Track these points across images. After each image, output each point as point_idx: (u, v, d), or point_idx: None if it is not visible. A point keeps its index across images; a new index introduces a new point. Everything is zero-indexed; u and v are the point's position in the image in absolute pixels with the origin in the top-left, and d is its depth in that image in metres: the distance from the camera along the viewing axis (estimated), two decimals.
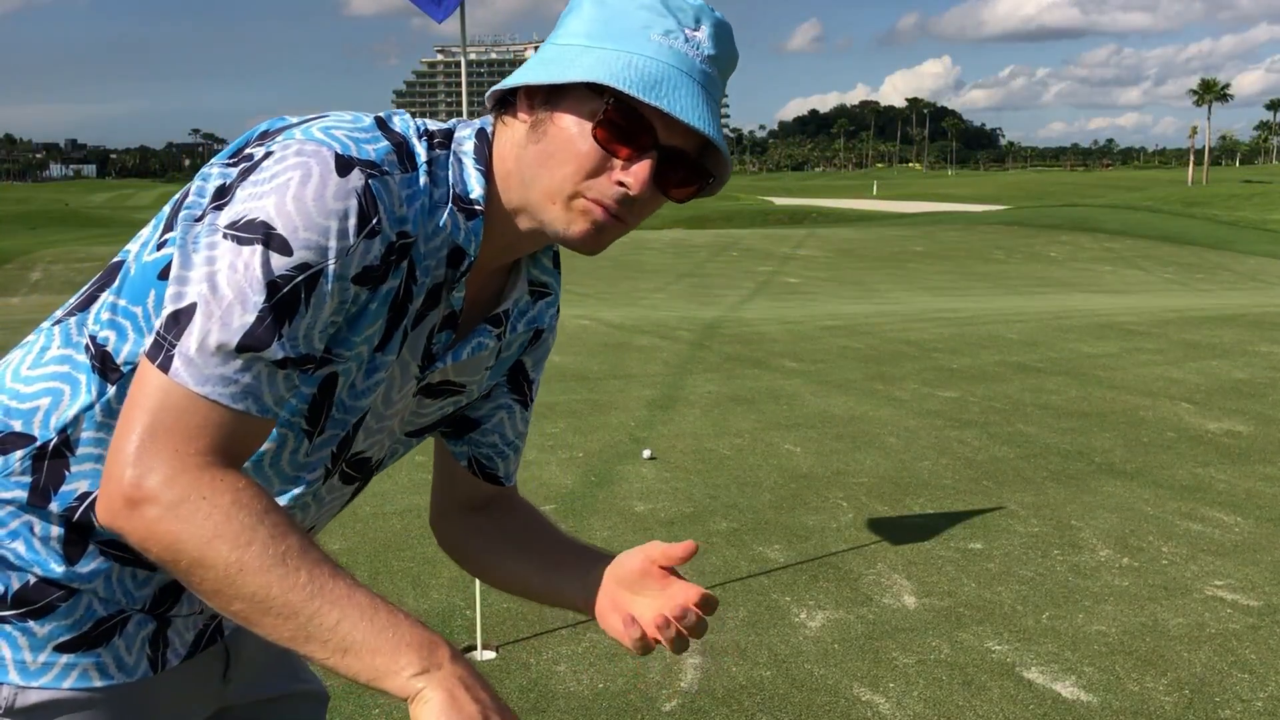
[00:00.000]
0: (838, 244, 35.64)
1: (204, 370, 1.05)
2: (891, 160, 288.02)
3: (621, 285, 22.88)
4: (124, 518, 1.04)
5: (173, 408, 1.05)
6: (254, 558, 1.02)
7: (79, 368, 1.20)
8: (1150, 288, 23.19)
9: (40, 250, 30.02)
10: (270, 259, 1.06)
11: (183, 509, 1.02)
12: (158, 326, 1.07)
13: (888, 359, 9.92)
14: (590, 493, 5.68)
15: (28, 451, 1.20)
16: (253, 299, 1.06)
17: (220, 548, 1.02)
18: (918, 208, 72.01)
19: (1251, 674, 3.66)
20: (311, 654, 1.03)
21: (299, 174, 1.08)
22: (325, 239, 1.08)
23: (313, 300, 1.09)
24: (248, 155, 1.14)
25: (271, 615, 1.02)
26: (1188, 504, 5.57)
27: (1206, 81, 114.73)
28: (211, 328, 1.05)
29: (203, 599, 1.06)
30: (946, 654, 3.80)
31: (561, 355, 9.91)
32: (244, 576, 1.02)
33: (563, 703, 3.44)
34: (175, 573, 1.05)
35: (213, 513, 1.03)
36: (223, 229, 1.08)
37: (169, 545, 1.03)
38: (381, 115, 1.19)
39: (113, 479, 1.05)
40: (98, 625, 1.24)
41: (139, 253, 1.21)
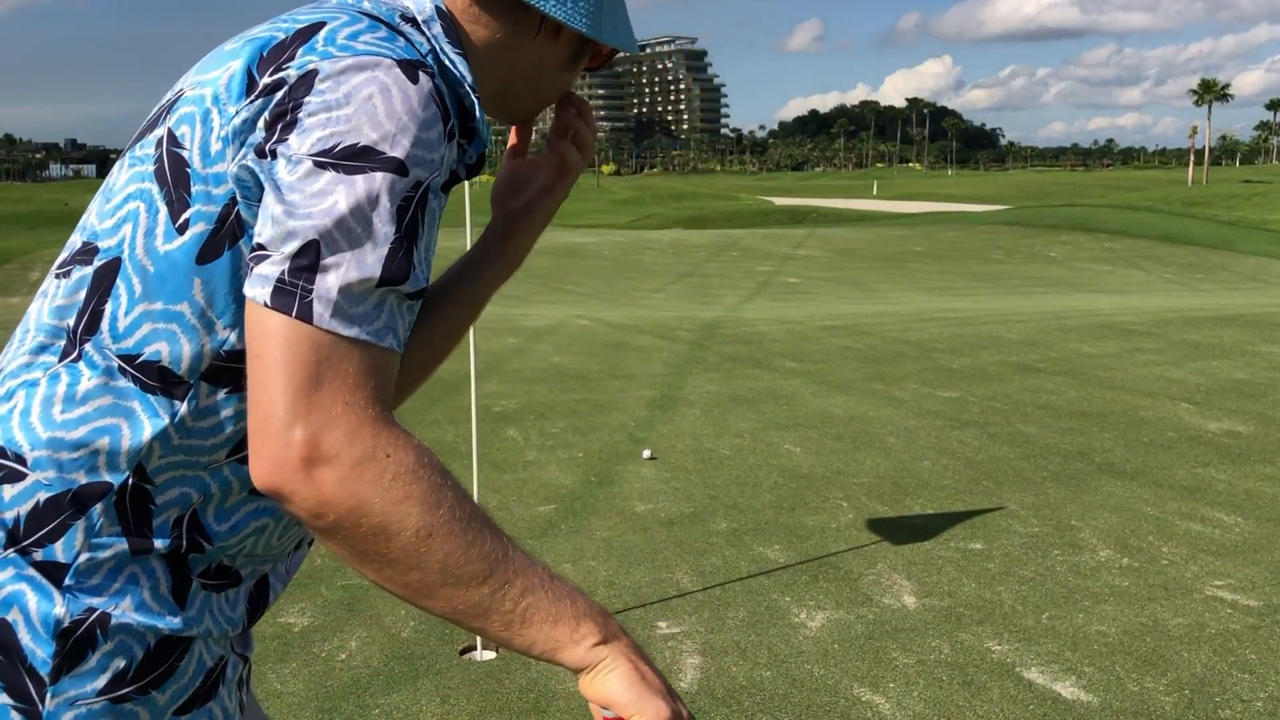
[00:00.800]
0: (838, 244, 35.63)
1: (349, 310, 0.97)
2: (891, 160, 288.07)
3: (621, 285, 22.88)
4: (299, 479, 0.94)
5: (328, 357, 0.96)
6: (444, 522, 0.96)
7: (125, 394, 1.06)
8: (1150, 288, 23.19)
9: (40, 250, 30.04)
10: (392, 183, 0.98)
11: (369, 469, 0.94)
12: (276, 273, 0.97)
13: (888, 359, 9.92)
14: (590, 493, 5.68)
15: (108, 500, 1.05)
16: (382, 229, 0.98)
17: (410, 510, 0.95)
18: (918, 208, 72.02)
19: (1251, 674, 3.66)
20: (486, 626, 0.98)
21: (377, 88, 1.00)
22: (430, 151, 1.01)
23: (427, 220, 1.02)
24: (276, 81, 1.03)
25: (454, 585, 0.96)
26: (1188, 504, 5.57)
27: (1206, 81, 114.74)
28: (347, 264, 0.97)
29: (371, 573, 0.97)
30: (946, 654, 3.80)
31: (561, 355, 9.91)
32: (433, 543, 0.95)
33: (563, 703, 3.44)
34: (351, 541, 0.96)
35: (400, 472, 0.95)
36: (312, 158, 0.98)
37: (352, 509, 0.94)
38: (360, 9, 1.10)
39: (276, 439, 0.94)
40: (208, 677, 1.13)
41: (147, 244, 1.06)
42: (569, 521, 5.21)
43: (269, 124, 1.01)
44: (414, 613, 4.10)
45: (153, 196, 1.06)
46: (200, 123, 1.05)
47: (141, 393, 1.06)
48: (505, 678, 3.60)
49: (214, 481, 1.10)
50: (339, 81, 1.00)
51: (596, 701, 1.02)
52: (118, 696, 1.06)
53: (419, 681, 3.57)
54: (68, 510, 1.05)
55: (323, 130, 0.99)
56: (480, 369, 8.70)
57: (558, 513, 5.35)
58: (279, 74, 1.03)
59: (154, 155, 1.08)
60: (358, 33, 1.05)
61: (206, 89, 1.07)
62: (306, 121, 0.99)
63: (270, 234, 0.98)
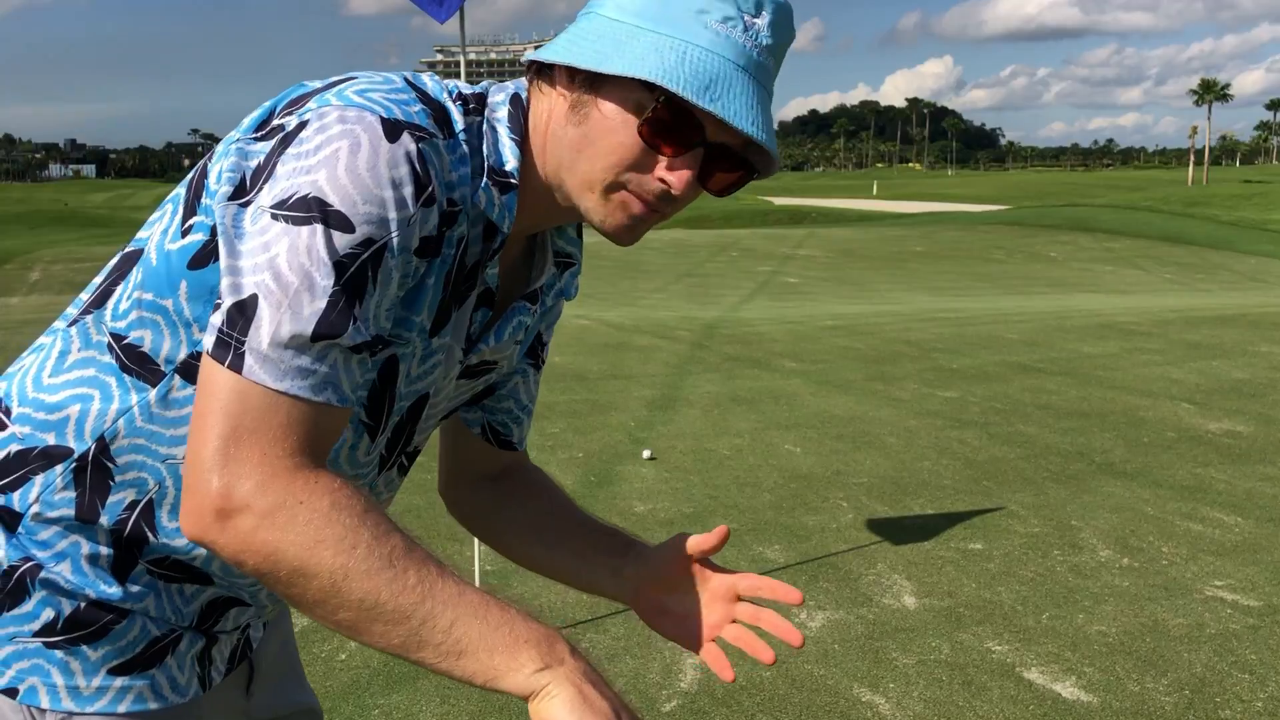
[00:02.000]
0: (837, 244, 35.63)
1: (280, 364, 0.98)
2: (891, 160, 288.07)
3: (621, 285, 22.88)
4: (216, 530, 0.97)
5: (253, 409, 0.98)
6: (360, 562, 0.96)
7: (105, 369, 1.13)
8: (1150, 288, 23.19)
9: (40, 250, 30.04)
10: (333, 237, 0.99)
11: (279, 516, 0.96)
12: (218, 323, 1.00)
13: (888, 359, 9.92)
14: (590, 493, 5.68)
15: (67, 465, 1.13)
16: (321, 283, 0.99)
17: (323, 554, 0.96)
18: (918, 208, 72.03)
19: (1251, 674, 3.66)
20: (423, 659, 0.98)
21: (347, 143, 1.01)
22: (385, 210, 1.01)
23: (380, 277, 1.02)
24: (278, 127, 1.07)
25: (381, 622, 0.97)
26: (1188, 504, 5.56)
27: (1206, 81, 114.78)
28: (282, 318, 0.98)
29: (304, 611, 0.99)
30: (946, 654, 3.80)
31: (561, 355, 9.91)
32: (350, 583, 0.96)
33: None
34: (274, 585, 0.98)
35: (312, 517, 0.96)
36: (269, 209, 1.01)
37: (268, 555, 0.96)
38: (409, 75, 1.12)
39: (197, 491, 0.98)
40: (151, 645, 1.19)
41: (160, 241, 1.12)
42: None
43: (252, 172, 1.06)
44: None
45: (179, 200, 1.14)
46: (224, 153, 1.11)
47: (120, 371, 1.13)
48: None
49: (169, 477, 1.14)
50: (318, 131, 1.02)
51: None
52: (50, 642, 1.14)
53: (419, 681, 3.57)
54: (32, 464, 1.13)
55: (286, 181, 1.01)
56: None
57: None
58: (285, 119, 1.07)
59: (200, 165, 1.14)
60: (370, 89, 1.06)
61: (248, 118, 1.13)
62: (279, 171, 1.03)
63: (223, 283, 1.01)
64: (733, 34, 1.05)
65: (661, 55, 1.04)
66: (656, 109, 1.05)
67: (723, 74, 1.04)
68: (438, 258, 1.10)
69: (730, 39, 1.05)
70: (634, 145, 1.07)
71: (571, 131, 1.10)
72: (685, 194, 1.09)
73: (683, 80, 1.02)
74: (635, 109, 1.06)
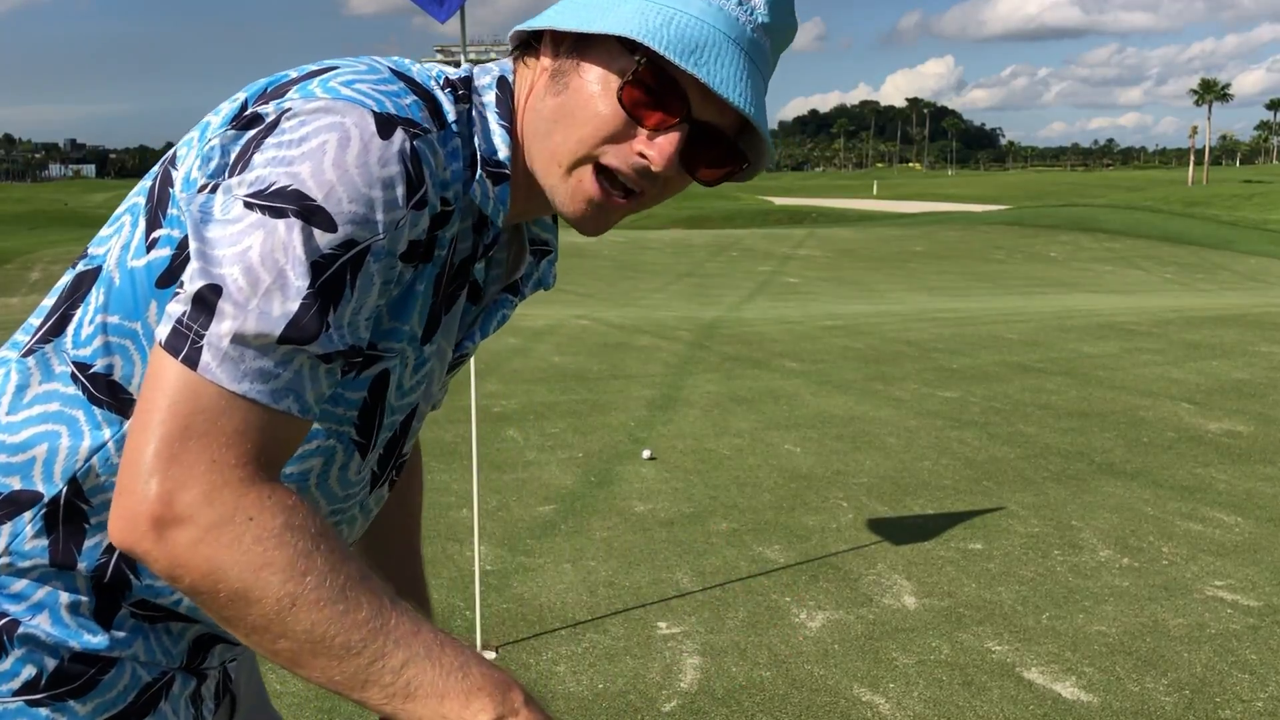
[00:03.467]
0: (838, 244, 35.63)
1: (240, 364, 0.89)
2: (891, 160, 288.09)
3: (621, 285, 22.88)
4: (150, 540, 0.87)
5: (205, 409, 0.88)
6: (310, 590, 0.87)
7: (70, 402, 1.03)
8: (1150, 288, 23.19)
9: (40, 250, 30.06)
10: (312, 235, 0.91)
11: (225, 532, 0.87)
12: (177, 313, 0.90)
13: (888, 359, 9.92)
14: (590, 493, 5.68)
15: (37, 511, 1.03)
16: (295, 283, 0.90)
17: (270, 578, 0.87)
18: (918, 208, 72.03)
19: (1251, 674, 3.66)
20: (367, 699, 0.90)
21: (335, 136, 0.93)
22: (373, 211, 0.93)
23: (359, 282, 0.94)
24: (255, 115, 0.99)
25: (325, 656, 0.88)
26: (1188, 504, 5.56)
27: (1206, 81, 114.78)
28: (247, 315, 0.89)
29: (240, 636, 0.90)
30: (946, 654, 3.80)
31: (561, 355, 9.91)
32: (296, 612, 0.87)
33: (563, 703, 3.44)
34: (210, 606, 0.89)
35: (262, 536, 0.87)
36: (244, 198, 0.92)
37: (206, 574, 0.87)
38: (392, 63, 1.04)
39: (133, 493, 0.88)
40: (144, 692, 1.09)
41: (121, 258, 1.04)
42: (569, 521, 5.21)
43: (231, 161, 0.98)
44: None
45: (139, 210, 1.05)
46: (196, 148, 1.03)
47: (88, 403, 1.03)
48: None
49: None
50: (303, 123, 0.95)
51: None
52: (34, 700, 1.04)
53: None
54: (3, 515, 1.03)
55: (264, 169, 0.93)
56: (480, 369, 8.71)
57: (558, 513, 5.35)
58: (263, 108, 0.99)
59: (159, 171, 1.06)
60: (357, 80, 0.99)
61: (213, 117, 1.04)
62: (255, 160, 0.94)
63: (186, 271, 0.92)
64: (726, 6, 1.00)
65: (647, 18, 0.98)
66: (638, 71, 0.98)
67: (711, 41, 0.98)
68: (429, 262, 1.03)
69: (724, 10, 1.00)
70: (613, 115, 1.00)
71: (549, 102, 1.03)
72: (666, 172, 1.01)
73: (667, 41, 0.96)
74: (617, 73, 1.00)
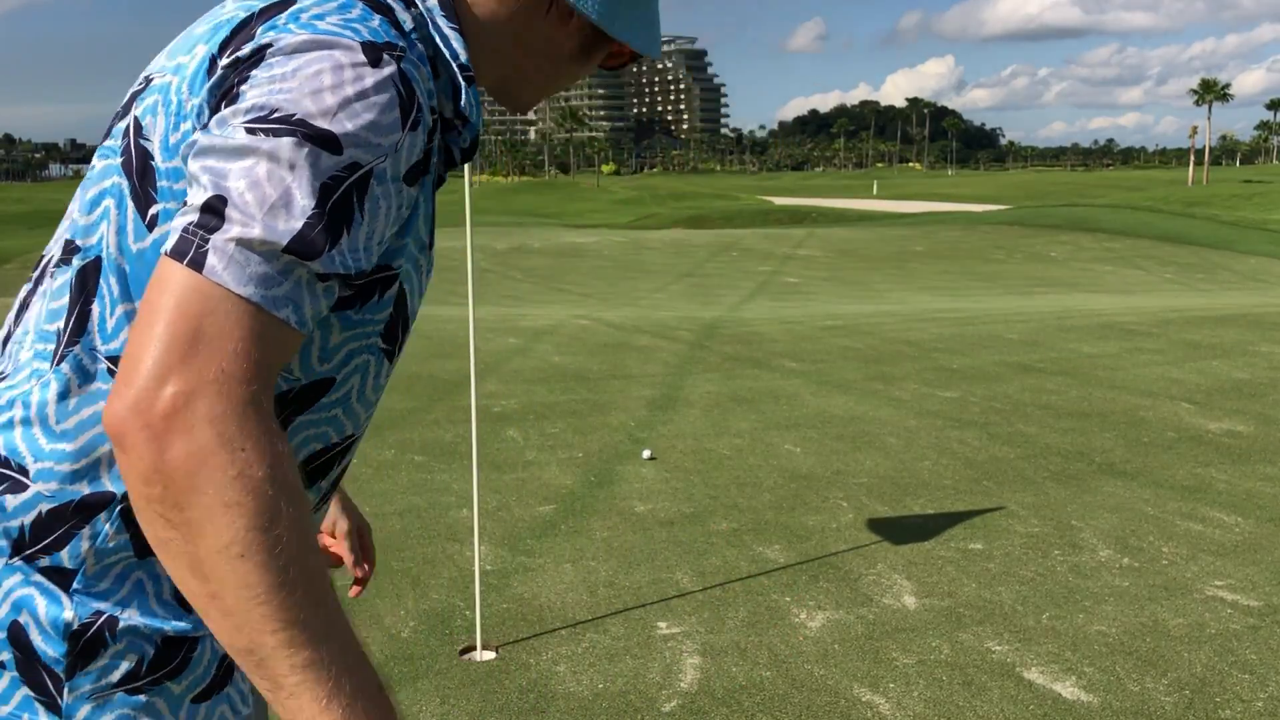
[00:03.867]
0: (838, 244, 35.63)
1: (245, 268, 0.89)
2: (891, 160, 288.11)
3: (621, 285, 22.89)
4: (143, 436, 0.86)
5: (213, 311, 0.88)
6: (261, 549, 0.86)
7: None
8: (1150, 288, 23.19)
9: (40, 250, 30.03)
10: (319, 157, 0.92)
11: (217, 456, 0.86)
12: (184, 223, 0.91)
13: (888, 359, 9.92)
14: (590, 493, 5.68)
15: (112, 510, 1.03)
16: (300, 202, 0.91)
17: (234, 520, 0.86)
18: (918, 208, 72.05)
19: (1251, 674, 3.66)
20: (251, 673, 0.89)
21: (328, 65, 0.94)
22: (373, 134, 0.94)
23: (367, 206, 0.95)
24: (233, 62, 0.99)
25: (232, 617, 0.87)
26: (1188, 504, 5.56)
27: (1206, 81, 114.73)
28: (253, 224, 0.90)
29: (163, 558, 0.89)
30: (946, 654, 3.80)
31: (561, 355, 9.91)
32: (237, 564, 0.86)
33: (563, 703, 3.44)
34: (156, 520, 0.88)
35: (244, 474, 0.86)
36: (244, 125, 0.92)
37: (182, 490, 0.86)
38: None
39: (141, 386, 0.86)
40: (221, 664, 1.11)
41: (121, 243, 1.03)
42: (569, 521, 5.21)
43: (214, 105, 0.98)
44: (414, 613, 4.10)
45: (122, 191, 1.04)
46: (163, 112, 1.02)
47: None
48: (505, 678, 3.60)
49: None
50: (290, 58, 0.95)
51: None
52: (133, 689, 1.05)
53: (419, 681, 3.57)
54: (72, 520, 1.02)
55: (261, 99, 0.93)
56: (480, 369, 8.70)
57: (558, 513, 5.35)
58: (235, 54, 0.99)
59: (121, 145, 1.05)
60: (324, 13, 0.99)
61: (173, 76, 1.04)
62: (248, 93, 0.95)
63: (191, 189, 0.94)
64: None
65: None
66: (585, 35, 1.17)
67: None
68: (427, 174, 1.05)
69: None
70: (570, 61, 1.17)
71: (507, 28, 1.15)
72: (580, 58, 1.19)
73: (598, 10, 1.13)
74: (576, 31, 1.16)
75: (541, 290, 21.62)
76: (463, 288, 20.84)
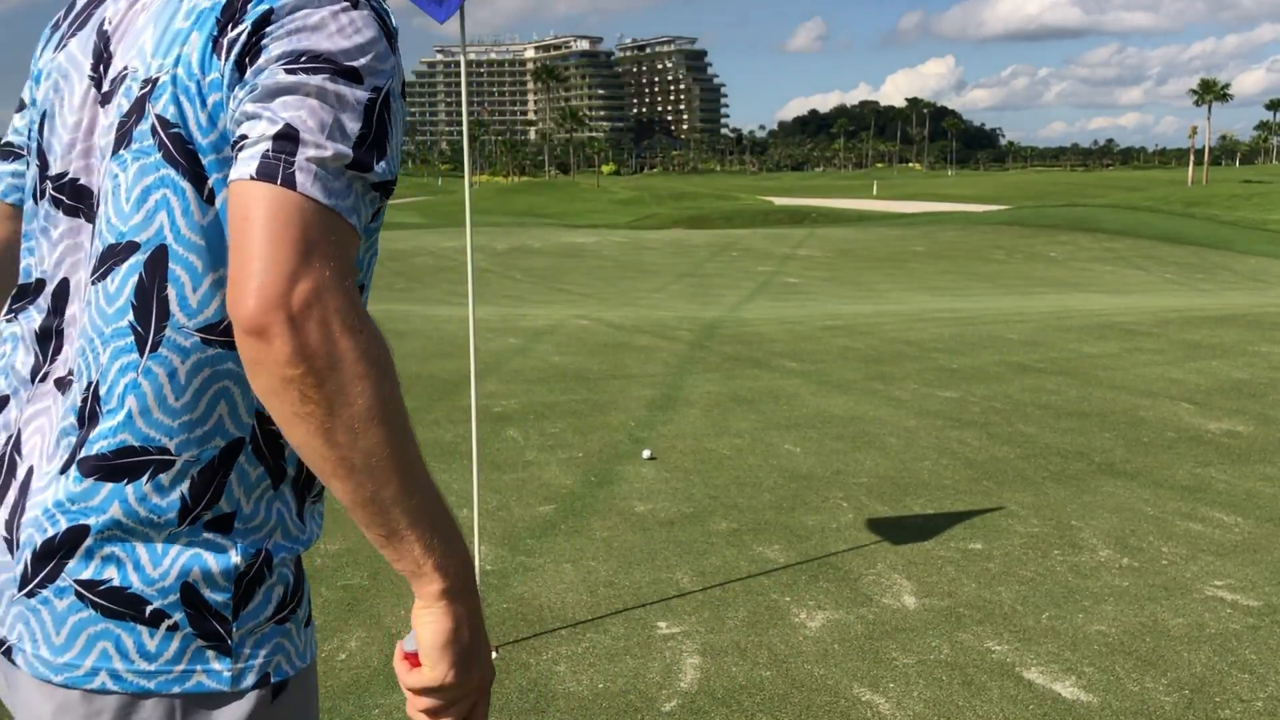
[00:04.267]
0: (837, 244, 35.64)
1: (327, 184, 1.06)
2: (891, 160, 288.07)
3: (621, 285, 22.90)
4: (282, 323, 1.00)
5: (315, 223, 1.04)
6: (386, 412, 1.03)
7: (221, 360, 1.15)
8: (1150, 288, 23.20)
9: None
10: (353, 86, 1.10)
11: (346, 339, 1.01)
12: (262, 149, 1.05)
13: (888, 359, 9.92)
14: (590, 493, 5.68)
15: (247, 451, 1.18)
16: (349, 124, 1.08)
17: (368, 389, 1.02)
18: (918, 208, 72.07)
19: (1251, 674, 3.66)
20: (369, 521, 1.06)
21: (326, 13, 1.12)
22: (380, 62, 1.13)
23: (393, 121, 1.13)
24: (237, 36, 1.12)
25: (362, 473, 1.04)
26: (1188, 504, 5.57)
27: (1206, 81, 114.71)
28: (324, 145, 1.06)
29: (299, 433, 1.04)
30: (946, 654, 3.80)
31: (561, 355, 9.91)
32: (370, 424, 1.02)
33: (563, 703, 3.44)
34: (304, 397, 1.01)
35: (368, 350, 1.03)
36: (282, 68, 1.08)
37: (325, 368, 1.01)
38: None
39: (274, 288, 1.00)
40: (299, 569, 1.25)
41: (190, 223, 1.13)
42: (569, 521, 5.21)
43: (238, 66, 1.11)
44: None
45: (174, 180, 1.13)
46: (185, 99, 1.13)
47: (234, 353, 1.14)
48: (505, 678, 3.60)
49: None
50: (294, 14, 1.11)
51: (415, 633, 1.13)
52: (280, 618, 1.20)
53: None
54: (219, 471, 1.16)
55: (286, 46, 1.09)
56: (480, 369, 8.70)
57: (558, 513, 5.35)
58: (237, 28, 1.12)
59: (155, 144, 1.14)
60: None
61: (177, 69, 1.14)
62: (271, 46, 1.10)
63: (250, 129, 1.07)
64: None
65: None
66: None
67: None
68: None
69: None
70: None
71: None
72: None
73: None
74: None
75: (541, 290, 21.63)
76: (463, 288, 20.84)
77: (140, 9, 1.21)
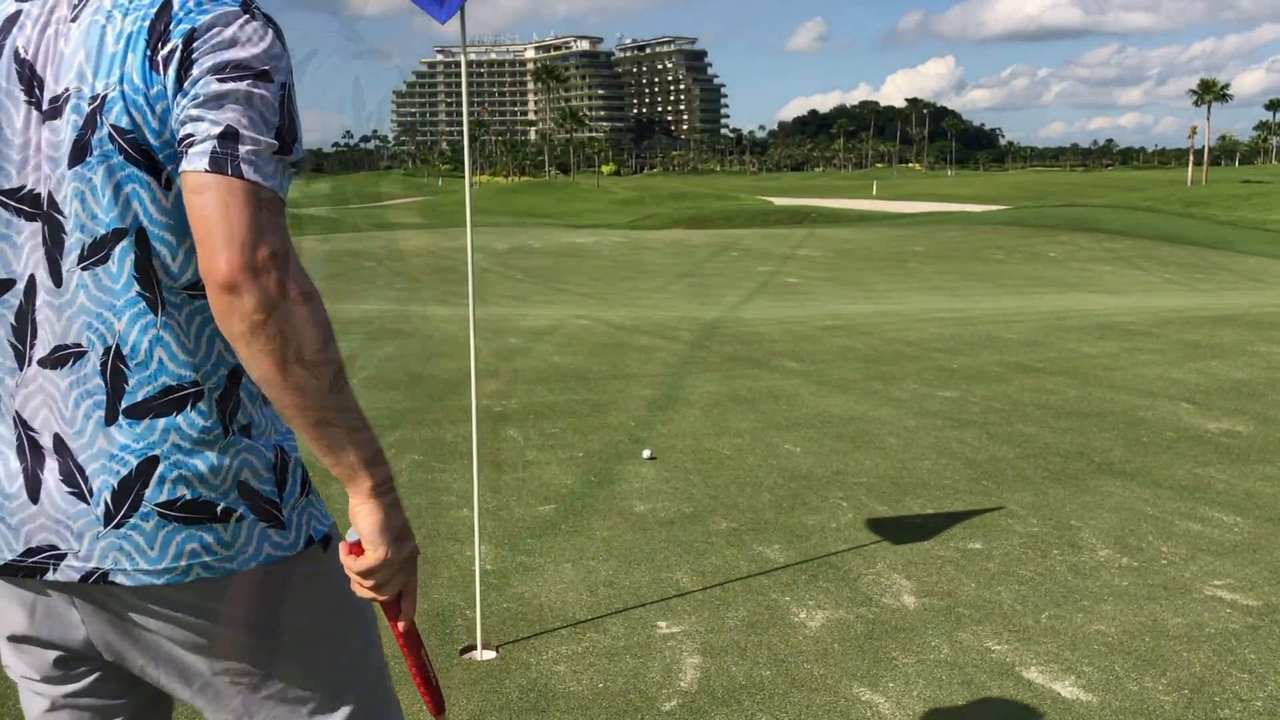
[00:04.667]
0: (837, 244, 35.64)
1: (263, 169, 1.33)
2: (891, 160, 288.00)
3: (621, 285, 22.90)
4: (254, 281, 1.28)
5: (259, 202, 1.32)
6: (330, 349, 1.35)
7: (205, 309, 1.44)
8: (1150, 288, 23.20)
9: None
10: (268, 85, 1.37)
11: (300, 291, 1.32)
12: (209, 147, 1.32)
13: (888, 359, 9.92)
14: (590, 493, 5.68)
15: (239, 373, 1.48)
16: (271, 119, 1.36)
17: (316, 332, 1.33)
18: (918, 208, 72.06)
19: (1251, 674, 3.66)
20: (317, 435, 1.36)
21: (235, 28, 1.38)
22: (279, 63, 1.40)
23: (295, 110, 1.41)
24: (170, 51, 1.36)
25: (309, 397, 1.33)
26: (1187, 504, 5.57)
27: (1205, 81, 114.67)
28: (258, 137, 1.34)
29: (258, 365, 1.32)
30: (946, 654, 3.80)
31: (562, 355, 9.91)
32: (319, 358, 1.32)
33: (563, 703, 3.45)
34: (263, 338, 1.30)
35: (317, 302, 1.34)
36: (215, 79, 1.35)
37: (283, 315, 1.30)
38: None
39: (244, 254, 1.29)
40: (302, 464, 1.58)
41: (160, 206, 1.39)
42: (569, 521, 5.22)
43: (178, 78, 1.36)
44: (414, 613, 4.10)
45: (139, 175, 1.38)
46: (136, 111, 1.36)
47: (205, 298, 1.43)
48: (505, 678, 3.60)
49: None
50: (212, 30, 1.37)
51: (354, 526, 1.42)
52: (305, 492, 1.54)
53: None
54: (232, 389, 1.47)
55: (213, 59, 1.35)
56: (480, 369, 8.71)
57: (558, 513, 5.35)
58: (167, 45, 1.36)
59: (115, 148, 1.37)
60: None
61: (123, 85, 1.37)
62: (202, 60, 1.36)
63: (195, 129, 1.33)
64: None
65: None
66: None
67: None
68: None
69: None
70: None
71: None
72: None
73: None
74: None
75: (542, 290, 21.62)
76: (463, 288, 20.84)
77: (54, 36, 1.40)
